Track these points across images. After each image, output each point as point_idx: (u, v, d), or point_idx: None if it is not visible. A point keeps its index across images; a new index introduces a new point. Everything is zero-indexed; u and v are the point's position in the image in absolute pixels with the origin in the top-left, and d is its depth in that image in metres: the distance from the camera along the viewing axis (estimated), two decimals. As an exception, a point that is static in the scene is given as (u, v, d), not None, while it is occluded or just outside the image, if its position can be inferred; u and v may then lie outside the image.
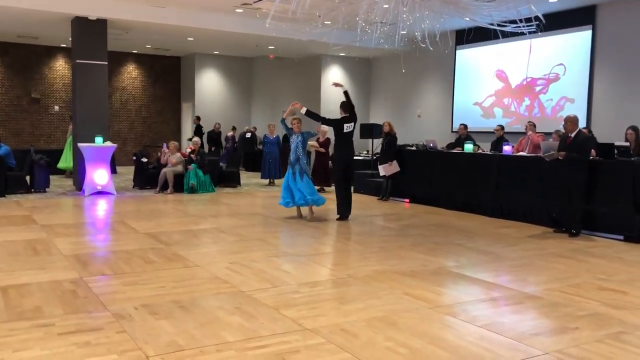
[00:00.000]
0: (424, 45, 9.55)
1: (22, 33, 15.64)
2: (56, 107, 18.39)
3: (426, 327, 4.21)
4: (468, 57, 14.30)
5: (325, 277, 5.68)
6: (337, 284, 5.43)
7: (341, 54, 16.40)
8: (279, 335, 3.98)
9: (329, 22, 10.30)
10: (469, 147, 11.01)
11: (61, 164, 15.08)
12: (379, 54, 16.26)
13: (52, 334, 3.90)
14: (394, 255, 6.66)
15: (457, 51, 14.41)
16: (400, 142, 12.49)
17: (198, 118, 18.12)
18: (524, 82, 12.97)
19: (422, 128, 15.24)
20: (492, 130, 12.03)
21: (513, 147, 10.34)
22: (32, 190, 11.95)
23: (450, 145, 12.10)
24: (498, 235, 8.19)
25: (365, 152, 16.10)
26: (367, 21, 8.97)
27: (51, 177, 12.76)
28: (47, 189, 12.22)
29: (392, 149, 11.84)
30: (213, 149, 16.94)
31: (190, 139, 13.99)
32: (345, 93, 9.61)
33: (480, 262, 6.47)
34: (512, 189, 9.63)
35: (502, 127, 11.67)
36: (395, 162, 11.72)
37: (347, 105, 9.53)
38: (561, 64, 12.23)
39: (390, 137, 11.91)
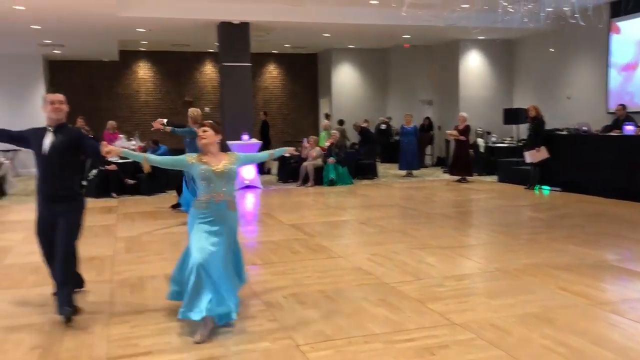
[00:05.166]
0: (573, 21, 8.80)
1: (175, 42, 16.98)
2: (207, 109, 19.73)
3: (588, 326, 3.88)
4: (627, 29, 12.94)
5: (471, 271, 5.47)
6: (484, 278, 5.20)
7: (480, 38, 15.68)
8: (427, 329, 3.89)
9: (467, 5, 9.89)
10: (629, 129, 9.98)
11: None
12: (522, 35, 15.32)
13: (210, 319, 4.17)
14: (545, 248, 6.24)
15: (613, 24, 13.10)
16: (547, 126, 11.67)
17: (265, 113, 17.85)
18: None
19: (572, 111, 14.08)
20: (657, 109, 10.80)
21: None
22: (188, 186, 12.93)
23: (607, 128, 11.06)
24: (668, 226, 7.33)
25: (509, 138, 15.29)
26: (509, 0, 8.47)
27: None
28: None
29: (539, 134, 11.11)
30: (357, 146, 16.40)
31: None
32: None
33: (648, 256, 5.84)
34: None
35: (669, 105, 10.43)
36: (543, 148, 10.97)
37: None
38: None
39: (537, 122, 11.18)
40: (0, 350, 3.73)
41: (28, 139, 4.36)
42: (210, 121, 4.38)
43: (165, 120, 8.63)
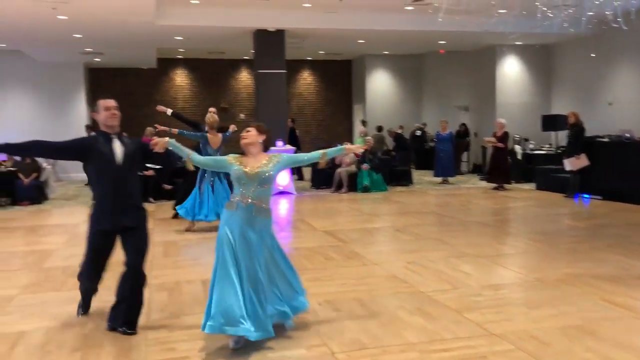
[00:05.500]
0: (615, 26, 8.59)
1: (211, 49, 17.23)
2: (242, 115, 19.94)
3: (633, 339, 3.75)
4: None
5: (509, 280, 5.36)
6: (523, 288, 5.09)
7: (517, 43, 15.44)
8: (464, 339, 3.83)
9: (504, 11, 9.75)
10: (674, 135, 9.67)
11: None
12: (561, 40, 15.02)
13: (246, 325, 4.18)
14: (587, 257, 6.07)
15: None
16: (587, 133, 11.39)
17: (292, 120, 17.48)
18: None
19: (613, 117, 13.71)
20: None
21: None
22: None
23: (651, 135, 10.74)
24: None
25: (547, 145, 14.99)
26: (548, 5, 8.31)
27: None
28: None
29: (579, 141, 10.85)
30: (393, 153, 16.23)
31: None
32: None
33: (696, 268, 5.62)
34: None
35: None
36: (583, 155, 10.71)
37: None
38: None
39: (576, 129, 10.93)
40: (43, 351, 3.82)
41: (81, 149, 4.04)
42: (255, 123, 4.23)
43: (170, 111, 8.70)
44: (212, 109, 8.86)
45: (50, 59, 16.10)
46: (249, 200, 3.82)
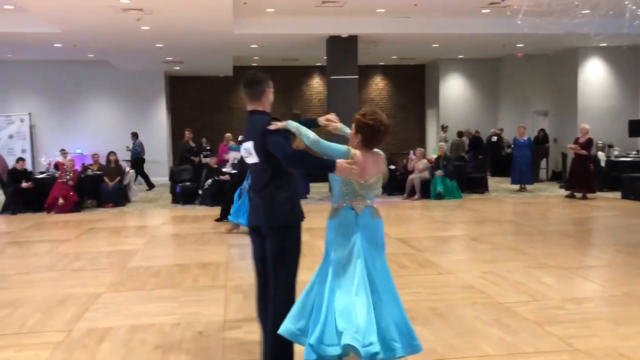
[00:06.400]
0: None
1: (285, 56, 17.53)
2: (313, 121, 20.14)
3: None
4: None
5: (594, 294, 5.09)
6: (609, 302, 4.82)
7: (602, 45, 14.72)
8: (545, 354, 3.67)
9: (588, 11, 9.31)
10: None
11: None
12: (651, 40, 14.19)
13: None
14: (681, 273, 5.68)
15: None
16: (681, 139, 10.69)
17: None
18: None
19: None
20: None
21: None
22: (295, 196, 13.20)
23: None
24: None
25: (634, 152, 14.18)
26: (637, 3, 7.86)
27: (310, 184, 13.94)
28: (307, 196, 13.39)
29: (671, 148, 10.18)
30: (480, 157, 15.91)
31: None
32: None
33: None
34: None
35: None
36: (675, 162, 10.05)
37: None
38: None
39: (668, 134, 10.26)
40: (127, 347, 4.00)
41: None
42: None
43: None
44: None
45: (133, 68, 16.93)
46: None
